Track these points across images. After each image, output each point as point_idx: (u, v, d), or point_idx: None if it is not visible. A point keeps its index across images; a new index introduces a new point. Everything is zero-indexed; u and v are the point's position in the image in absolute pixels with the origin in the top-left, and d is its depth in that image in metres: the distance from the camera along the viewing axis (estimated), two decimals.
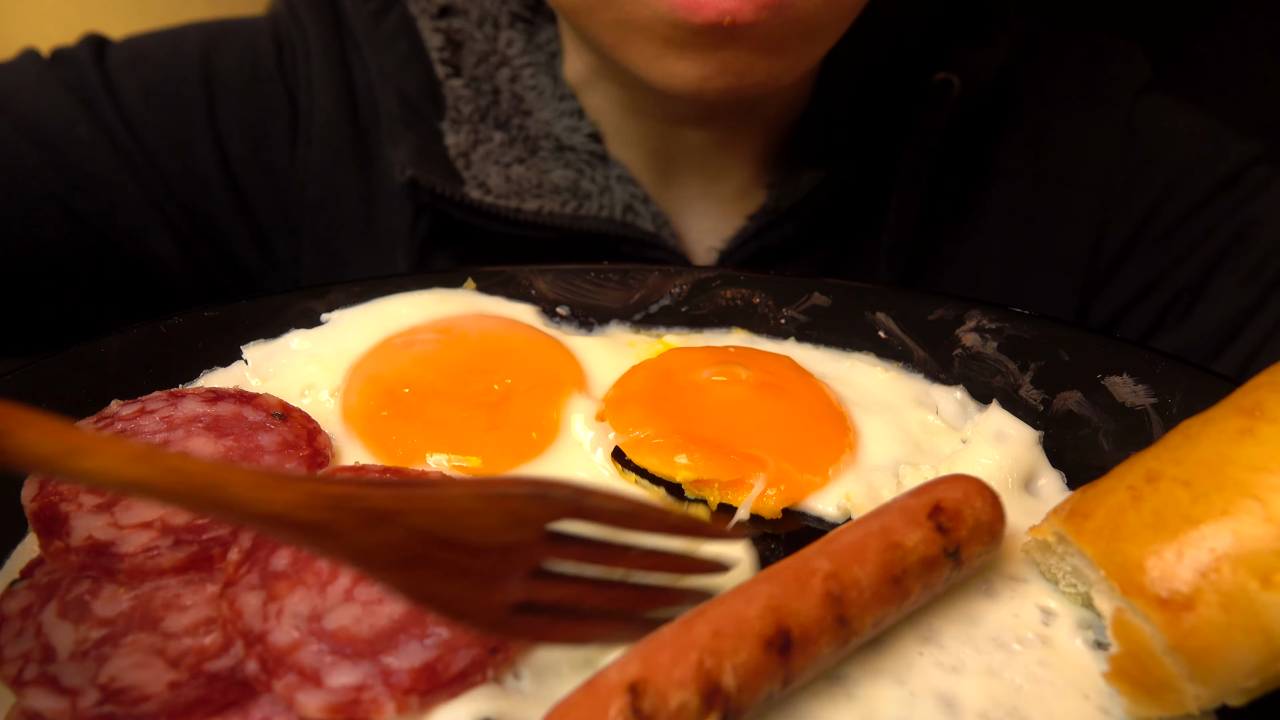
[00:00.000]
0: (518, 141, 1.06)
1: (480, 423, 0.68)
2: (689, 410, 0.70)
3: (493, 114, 1.06)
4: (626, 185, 1.06)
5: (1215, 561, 0.46)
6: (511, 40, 1.08)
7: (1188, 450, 0.51)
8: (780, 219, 1.04)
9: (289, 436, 0.64)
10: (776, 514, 0.64)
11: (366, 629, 0.50)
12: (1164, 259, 1.09)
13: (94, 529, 0.55)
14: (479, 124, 1.05)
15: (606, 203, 1.05)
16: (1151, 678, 0.48)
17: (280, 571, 0.53)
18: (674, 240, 1.07)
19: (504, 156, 1.04)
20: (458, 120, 1.04)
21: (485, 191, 1.01)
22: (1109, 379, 0.72)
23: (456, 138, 1.03)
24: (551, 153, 1.06)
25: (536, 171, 1.04)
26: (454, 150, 1.03)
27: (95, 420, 0.64)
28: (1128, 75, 1.13)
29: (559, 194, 1.04)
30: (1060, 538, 0.54)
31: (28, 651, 0.50)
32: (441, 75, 1.06)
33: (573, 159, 1.06)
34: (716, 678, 0.46)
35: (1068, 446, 0.70)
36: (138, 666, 0.49)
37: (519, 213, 1.01)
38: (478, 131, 1.05)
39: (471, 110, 1.05)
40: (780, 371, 0.74)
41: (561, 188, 1.04)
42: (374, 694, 0.48)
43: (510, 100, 1.07)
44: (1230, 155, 1.09)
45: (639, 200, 1.06)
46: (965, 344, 0.77)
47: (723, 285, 0.83)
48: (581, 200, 1.04)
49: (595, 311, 0.82)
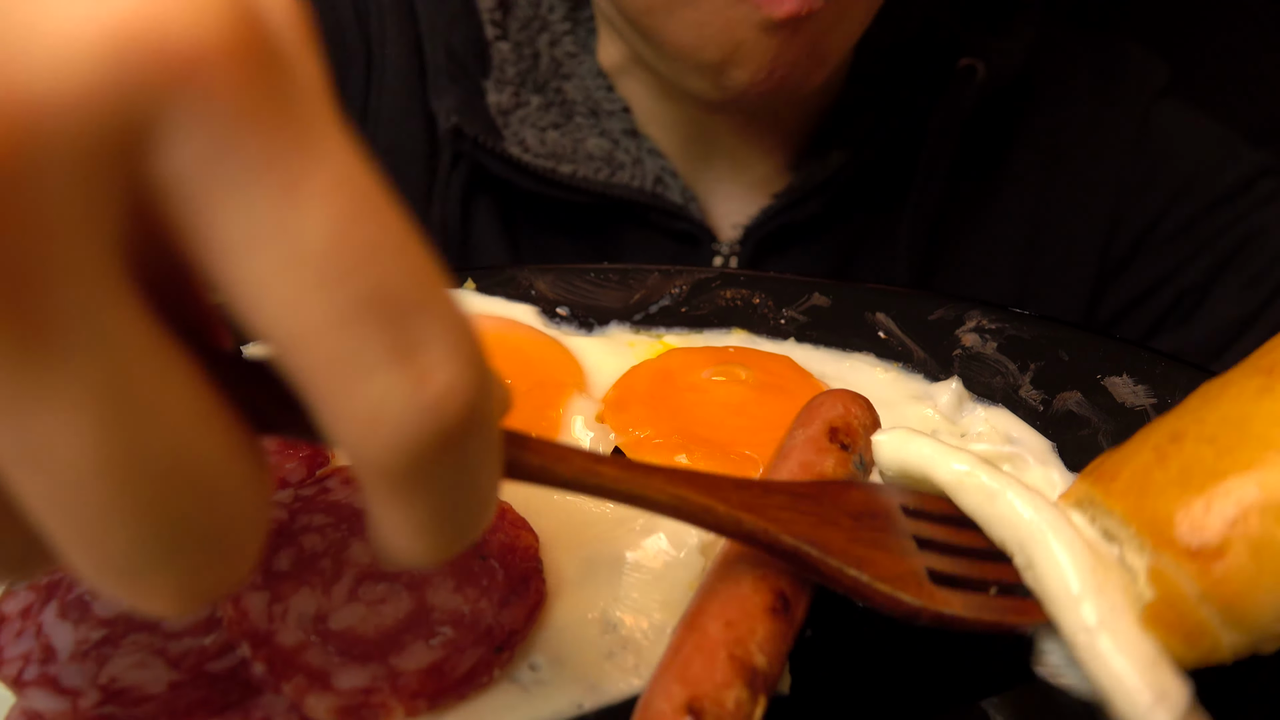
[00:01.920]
0: (554, 106, 1.09)
1: None
2: (689, 410, 0.70)
3: (532, 77, 1.09)
4: (657, 159, 1.09)
5: (1242, 512, 0.47)
6: (554, 6, 1.10)
7: (1209, 410, 0.53)
8: (805, 197, 1.06)
9: None
10: None
11: (372, 629, 0.50)
12: (1169, 261, 1.10)
13: None
14: (520, 87, 1.08)
15: (639, 173, 1.08)
16: (1188, 623, 0.49)
17: (283, 571, 0.53)
18: (701, 215, 1.09)
19: (540, 121, 1.07)
20: (501, 80, 1.08)
21: (524, 150, 1.05)
22: (1109, 379, 0.72)
23: (499, 97, 1.07)
24: (586, 118, 1.09)
25: (571, 139, 1.07)
26: (494, 109, 1.06)
27: None
28: (1144, 78, 1.14)
29: (593, 161, 1.07)
30: (1089, 500, 0.54)
31: (28, 652, 0.50)
32: (490, 36, 1.09)
33: (609, 128, 1.09)
34: (750, 662, 0.47)
35: (1068, 446, 0.70)
36: (138, 667, 0.49)
37: (554, 173, 1.04)
38: (519, 94, 1.08)
39: (514, 73, 1.08)
40: (780, 371, 0.74)
41: (596, 155, 1.07)
42: (382, 697, 0.47)
43: (549, 64, 1.10)
44: (1242, 164, 1.11)
45: (669, 174, 1.09)
46: (965, 344, 0.77)
47: (723, 285, 0.83)
48: (615, 169, 1.07)
49: (595, 312, 0.82)
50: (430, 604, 0.52)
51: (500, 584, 0.54)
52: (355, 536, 0.55)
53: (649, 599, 0.55)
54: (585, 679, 0.52)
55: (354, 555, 0.54)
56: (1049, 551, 0.50)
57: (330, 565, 0.53)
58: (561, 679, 0.52)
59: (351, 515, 0.57)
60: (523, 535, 0.58)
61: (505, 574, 0.55)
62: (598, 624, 0.55)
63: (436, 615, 0.52)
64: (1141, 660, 0.48)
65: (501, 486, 0.37)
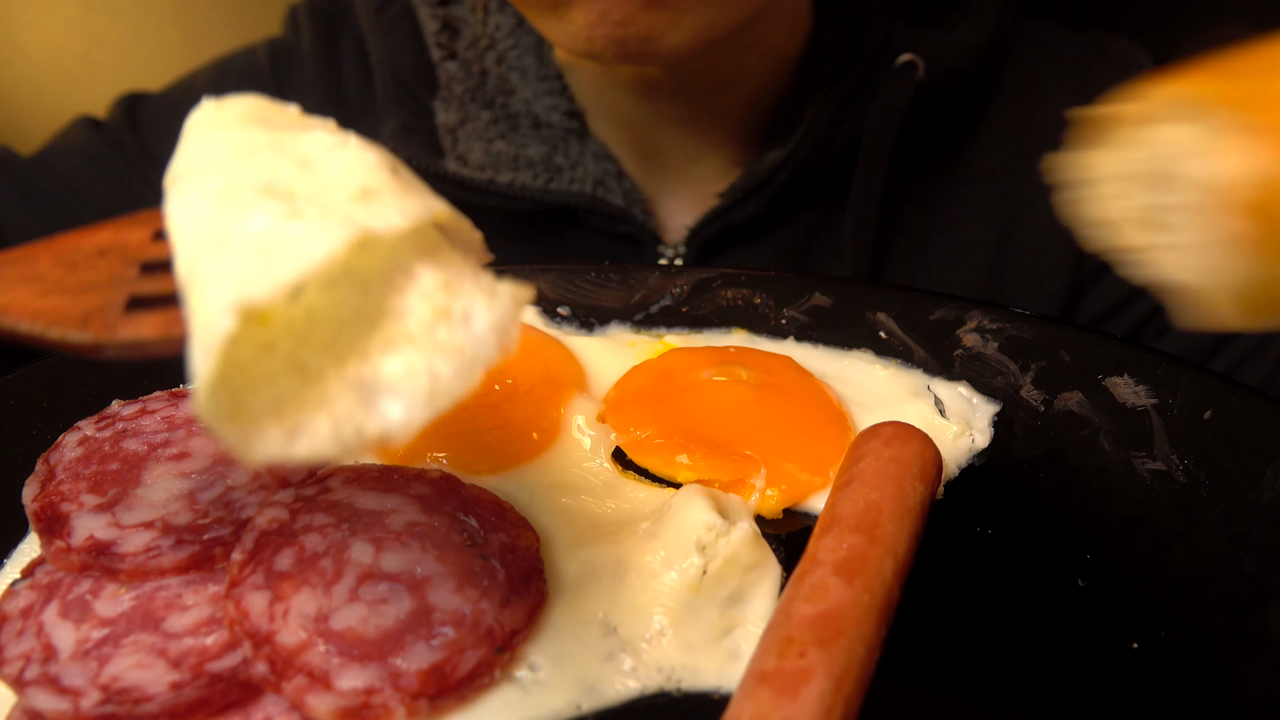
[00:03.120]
0: (501, 120, 1.12)
1: (481, 422, 0.68)
2: (690, 410, 0.70)
3: (480, 94, 1.13)
4: (601, 161, 1.11)
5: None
6: (500, 24, 1.13)
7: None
8: (746, 197, 1.07)
9: None
10: (778, 514, 0.64)
11: (373, 629, 0.50)
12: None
13: (95, 529, 0.55)
14: (468, 103, 1.12)
15: (578, 176, 1.10)
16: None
17: (285, 571, 0.53)
18: (644, 216, 1.11)
19: (488, 133, 1.11)
20: (448, 99, 1.12)
21: (463, 164, 1.09)
22: (1110, 379, 0.72)
23: (447, 115, 1.11)
24: (529, 129, 1.12)
25: (515, 146, 1.11)
26: (443, 127, 1.11)
27: (96, 420, 0.64)
28: (1126, 73, 1.13)
29: (532, 167, 1.10)
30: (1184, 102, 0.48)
31: (29, 651, 0.50)
32: (437, 58, 1.13)
33: (548, 135, 1.12)
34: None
35: (1068, 446, 0.70)
36: (139, 667, 0.49)
37: (492, 184, 1.08)
38: (466, 110, 1.12)
39: (462, 90, 1.12)
40: (780, 371, 0.74)
41: (535, 161, 1.10)
42: (383, 698, 0.48)
43: (496, 81, 1.13)
44: None
45: (611, 176, 1.11)
46: (966, 344, 0.77)
47: (723, 285, 0.83)
48: (553, 174, 1.10)
49: (596, 312, 0.82)
50: (431, 604, 0.52)
51: (501, 584, 0.54)
52: (356, 536, 0.55)
53: (649, 601, 0.55)
54: (585, 680, 0.52)
55: (355, 555, 0.54)
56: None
57: (331, 565, 0.53)
58: (561, 680, 0.52)
59: (352, 515, 0.57)
60: (524, 535, 0.58)
61: (506, 574, 0.55)
62: (598, 625, 0.55)
63: (437, 616, 0.52)
64: None
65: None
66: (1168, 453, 0.67)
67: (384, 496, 0.58)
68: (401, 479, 0.60)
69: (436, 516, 0.58)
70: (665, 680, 0.53)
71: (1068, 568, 0.61)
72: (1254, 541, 0.60)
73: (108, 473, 0.59)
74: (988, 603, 0.59)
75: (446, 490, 0.60)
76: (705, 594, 0.55)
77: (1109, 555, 0.61)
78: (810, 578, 0.53)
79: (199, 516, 0.57)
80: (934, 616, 0.57)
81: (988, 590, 0.59)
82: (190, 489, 0.59)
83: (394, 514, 0.57)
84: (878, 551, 0.54)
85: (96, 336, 0.47)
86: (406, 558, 0.54)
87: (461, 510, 0.58)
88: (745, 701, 0.47)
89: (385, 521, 0.57)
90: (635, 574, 0.56)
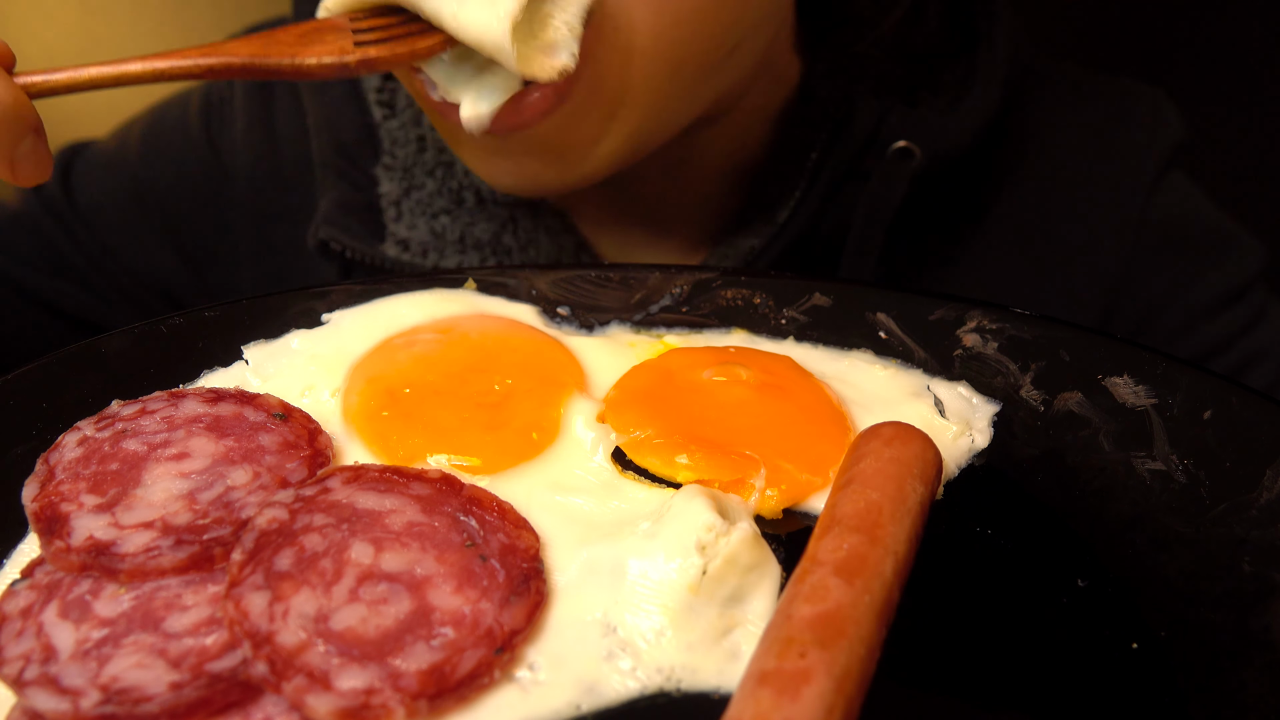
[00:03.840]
0: (445, 192, 1.05)
1: (481, 423, 0.68)
2: (689, 410, 0.70)
3: (421, 162, 1.06)
4: (556, 237, 1.04)
5: None
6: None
7: None
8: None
9: (290, 437, 0.64)
10: (778, 514, 0.64)
11: (373, 629, 0.50)
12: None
13: (95, 529, 0.55)
14: (412, 168, 1.05)
15: (529, 257, 1.04)
16: None
17: (284, 571, 0.53)
18: None
19: (432, 206, 1.04)
20: (391, 166, 1.05)
21: (404, 249, 1.02)
22: (1110, 379, 0.72)
23: (390, 185, 1.04)
24: (475, 205, 1.04)
25: (461, 224, 1.03)
26: (386, 199, 1.04)
27: (96, 420, 0.64)
28: (1153, 140, 1.07)
29: (480, 249, 1.03)
30: None
31: (29, 651, 0.50)
32: (379, 117, 1.06)
33: (495, 212, 1.04)
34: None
35: (1068, 446, 0.70)
36: (139, 667, 0.49)
37: (437, 271, 1.00)
38: (412, 177, 1.04)
39: (404, 156, 1.05)
40: (781, 371, 0.74)
41: (483, 242, 1.03)
42: (383, 698, 0.47)
43: (434, 149, 1.06)
44: (1230, 270, 1.07)
45: (568, 252, 1.04)
46: (966, 344, 0.77)
47: (723, 286, 0.83)
48: (502, 256, 1.03)
49: (596, 312, 0.82)
50: (431, 604, 0.52)
51: (501, 585, 0.54)
52: (356, 536, 0.55)
53: (649, 601, 0.55)
54: (584, 680, 0.52)
55: (355, 555, 0.54)
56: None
57: (331, 565, 0.53)
58: (561, 680, 0.52)
59: (352, 515, 0.57)
60: (524, 535, 0.58)
61: (506, 574, 0.55)
62: (597, 625, 0.55)
63: (437, 616, 0.52)
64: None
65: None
66: (1168, 453, 0.67)
67: (384, 496, 0.58)
68: (401, 479, 0.60)
69: (436, 516, 0.58)
70: (665, 680, 0.53)
71: (1068, 568, 0.61)
72: (1254, 541, 0.60)
73: (107, 473, 0.59)
74: (988, 603, 0.59)
75: (446, 490, 0.60)
76: (705, 594, 0.55)
77: (1109, 555, 0.62)
78: (810, 578, 0.53)
79: (199, 516, 0.57)
80: (934, 616, 0.57)
81: (988, 590, 0.59)
82: (190, 489, 0.59)
83: (394, 514, 0.57)
84: (878, 552, 0.54)
85: (341, 57, 0.73)
86: (406, 558, 0.55)
87: (461, 510, 0.58)
88: (746, 702, 0.47)
89: (385, 521, 0.57)
90: (635, 574, 0.56)
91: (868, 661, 0.50)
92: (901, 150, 0.96)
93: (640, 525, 0.59)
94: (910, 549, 0.57)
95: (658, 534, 0.58)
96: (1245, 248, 1.09)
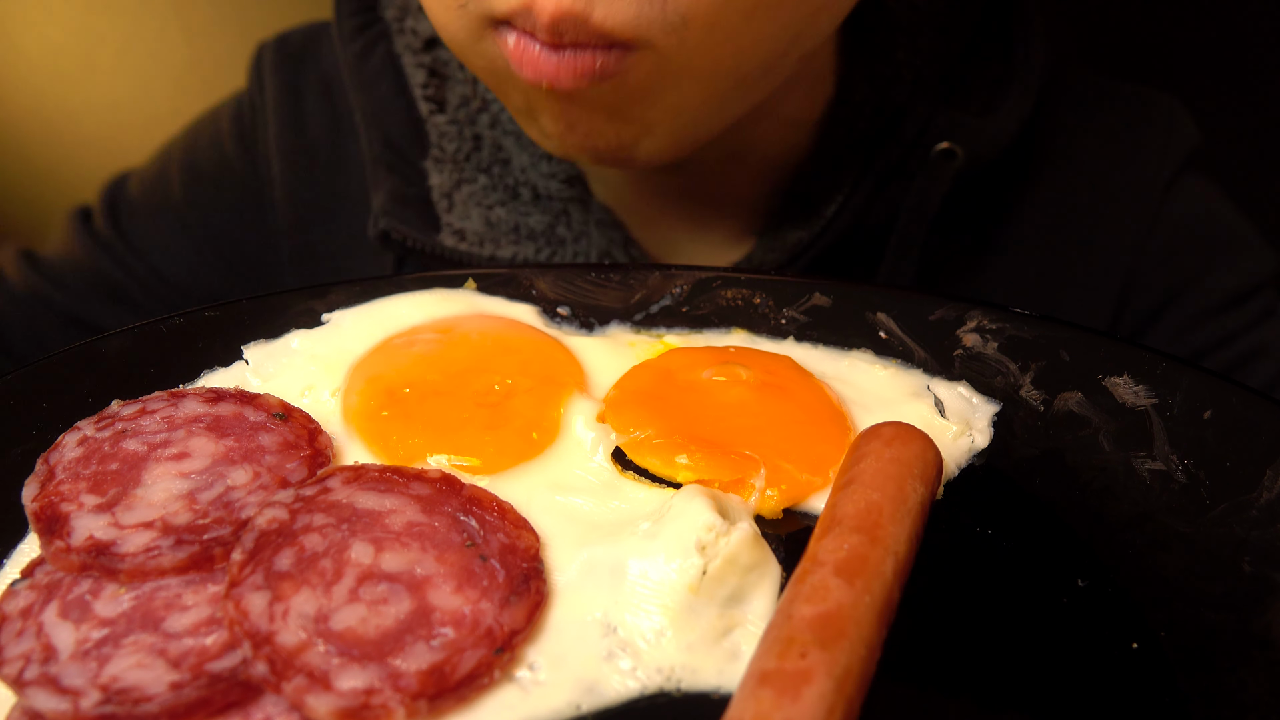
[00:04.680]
0: (499, 186, 1.07)
1: (481, 423, 0.68)
2: (689, 410, 0.70)
3: (476, 159, 1.07)
4: (606, 230, 1.06)
5: None
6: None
7: None
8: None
9: (290, 437, 0.64)
10: (778, 514, 0.64)
11: (373, 630, 0.50)
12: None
13: (95, 529, 0.55)
14: (463, 163, 1.06)
15: (582, 248, 1.06)
16: None
17: (284, 571, 0.53)
18: None
19: (487, 199, 1.06)
20: (440, 159, 1.06)
21: (460, 238, 1.03)
22: (1109, 379, 0.72)
23: (440, 178, 1.05)
24: (530, 200, 1.07)
25: (516, 215, 1.05)
26: (437, 191, 1.05)
27: (96, 420, 0.64)
28: (1168, 144, 1.10)
29: (535, 239, 1.05)
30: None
31: (29, 651, 0.50)
32: (425, 112, 1.07)
33: (549, 205, 1.06)
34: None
35: (1068, 446, 0.70)
36: (139, 667, 0.49)
37: (494, 260, 1.03)
38: (462, 170, 1.06)
39: (455, 149, 1.06)
40: (781, 371, 0.74)
41: (538, 233, 1.05)
42: (383, 698, 0.48)
43: (490, 148, 1.08)
44: (1242, 270, 1.09)
45: (618, 245, 1.06)
46: (966, 344, 0.77)
47: (723, 285, 0.83)
48: (556, 246, 1.05)
49: (596, 311, 0.82)
50: (431, 604, 0.52)
51: (501, 585, 0.54)
52: (356, 536, 0.55)
53: (649, 601, 0.55)
54: (584, 680, 0.52)
55: (355, 555, 0.54)
56: None
57: (331, 565, 0.53)
58: (561, 680, 0.52)
59: (352, 515, 0.57)
60: (524, 535, 0.58)
61: (506, 574, 0.55)
62: (597, 625, 0.55)
63: (437, 616, 0.52)
64: None
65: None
66: (1168, 453, 0.67)
67: (384, 496, 0.58)
68: (401, 479, 0.60)
69: (436, 516, 0.58)
70: (665, 680, 0.53)
71: (1068, 568, 0.61)
72: (1254, 541, 0.60)
73: (107, 473, 0.59)
74: (988, 603, 0.59)
75: (446, 490, 0.60)
76: (705, 594, 0.55)
77: (1109, 555, 0.61)
78: (811, 578, 0.53)
79: (199, 516, 0.57)
80: (934, 616, 0.57)
81: (988, 590, 0.59)
82: (190, 489, 0.59)
83: (394, 514, 0.57)
84: (878, 552, 0.55)
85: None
86: (406, 558, 0.55)
87: (461, 510, 0.58)
88: (746, 702, 0.47)
89: (385, 521, 0.57)
90: (635, 574, 0.56)
91: (868, 662, 0.50)
92: (945, 151, 1.00)
93: (640, 525, 0.59)
94: (911, 549, 0.57)
95: (658, 534, 0.58)
96: (1261, 251, 1.11)
